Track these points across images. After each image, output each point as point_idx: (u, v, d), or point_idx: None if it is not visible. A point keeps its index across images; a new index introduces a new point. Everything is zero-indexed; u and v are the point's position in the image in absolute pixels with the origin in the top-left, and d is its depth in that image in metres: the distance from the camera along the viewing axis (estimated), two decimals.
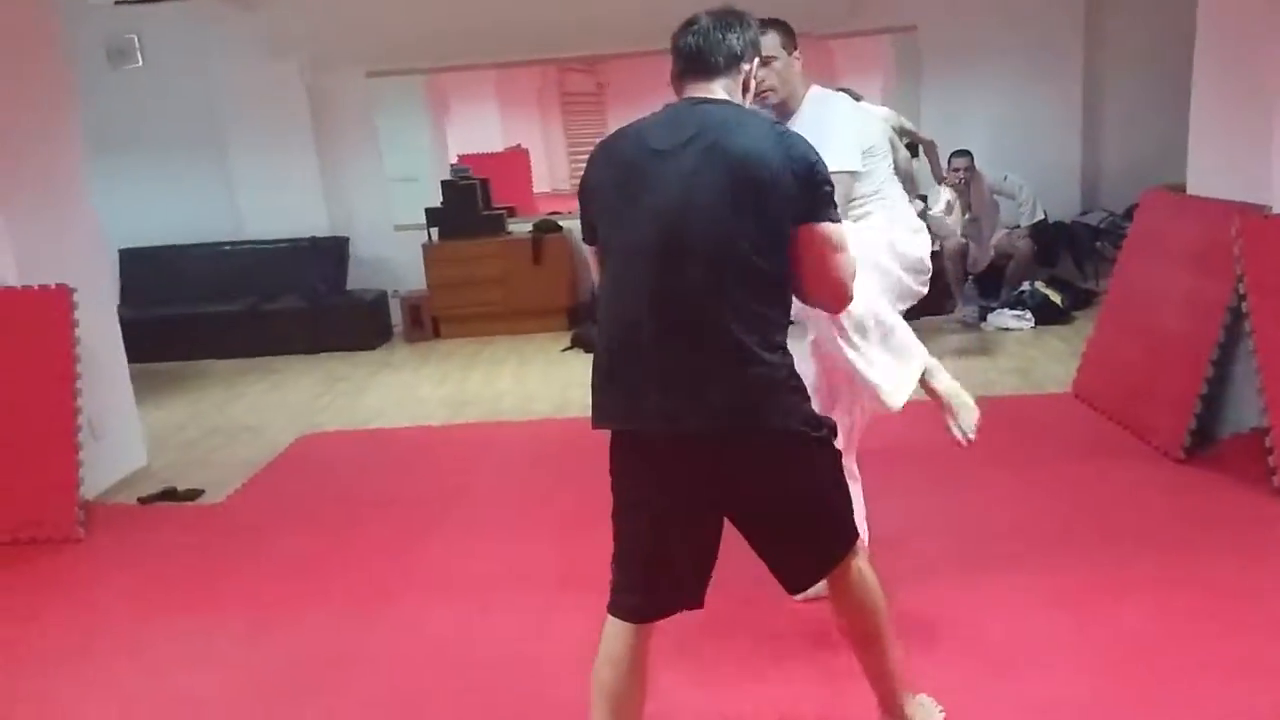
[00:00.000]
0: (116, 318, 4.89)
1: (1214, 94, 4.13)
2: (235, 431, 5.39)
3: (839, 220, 2.01)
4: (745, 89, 2.11)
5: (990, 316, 6.50)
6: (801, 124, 2.65)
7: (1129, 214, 5.83)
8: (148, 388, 6.37)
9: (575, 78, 11.25)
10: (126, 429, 4.81)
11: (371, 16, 7.25)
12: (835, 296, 2.05)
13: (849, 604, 2.16)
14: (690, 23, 2.09)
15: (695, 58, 2.06)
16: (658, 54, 2.36)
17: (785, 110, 2.79)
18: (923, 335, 2.78)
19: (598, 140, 2.17)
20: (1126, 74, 7.07)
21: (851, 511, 2.15)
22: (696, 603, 2.09)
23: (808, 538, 2.09)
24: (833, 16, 6.95)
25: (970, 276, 6.68)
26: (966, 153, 6.65)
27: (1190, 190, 4.32)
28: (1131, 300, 4.57)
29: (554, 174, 11.40)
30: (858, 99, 6.70)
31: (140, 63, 7.44)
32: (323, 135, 7.52)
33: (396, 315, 7.54)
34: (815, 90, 2.85)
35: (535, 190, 10.04)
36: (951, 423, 2.60)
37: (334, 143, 7.58)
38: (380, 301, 7.44)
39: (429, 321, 7.34)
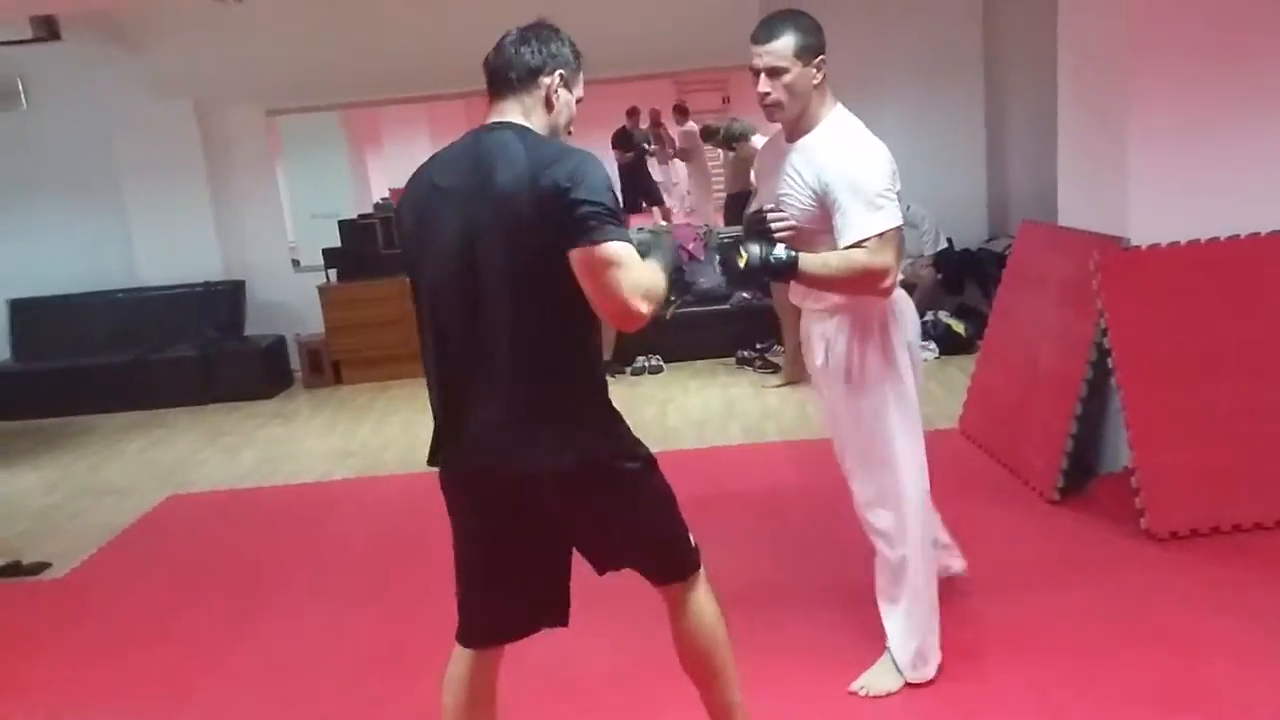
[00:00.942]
0: None
1: (1076, 124, 4.03)
2: (101, 494, 5.14)
3: (604, 238, 1.81)
4: (549, 105, 2.01)
5: None
6: (815, 150, 2.43)
7: None
8: (24, 447, 6.16)
9: None
10: None
11: (267, 54, 7.07)
12: (619, 317, 1.87)
13: (682, 634, 2.15)
14: (499, 40, 2.03)
15: (493, 76, 2.02)
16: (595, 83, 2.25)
17: (797, 130, 2.45)
18: None
19: None
20: (1031, 98, 7.00)
21: (680, 540, 2.13)
22: (555, 622, 2.13)
23: (634, 564, 2.11)
24: (731, 49, 6.84)
25: None
26: None
27: (1061, 221, 4.22)
28: (1009, 335, 4.46)
29: None
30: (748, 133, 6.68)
31: (24, 105, 7.21)
32: (218, 176, 7.31)
33: (297, 360, 7.31)
34: (839, 113, 2.46)
35: None
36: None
37: (230, 183, 7.36)
38: (278, 347, 7.20)
39: (329, 366, 7.12)
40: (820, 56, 2.40)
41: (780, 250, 2.40)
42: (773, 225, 2.51)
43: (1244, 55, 3.53)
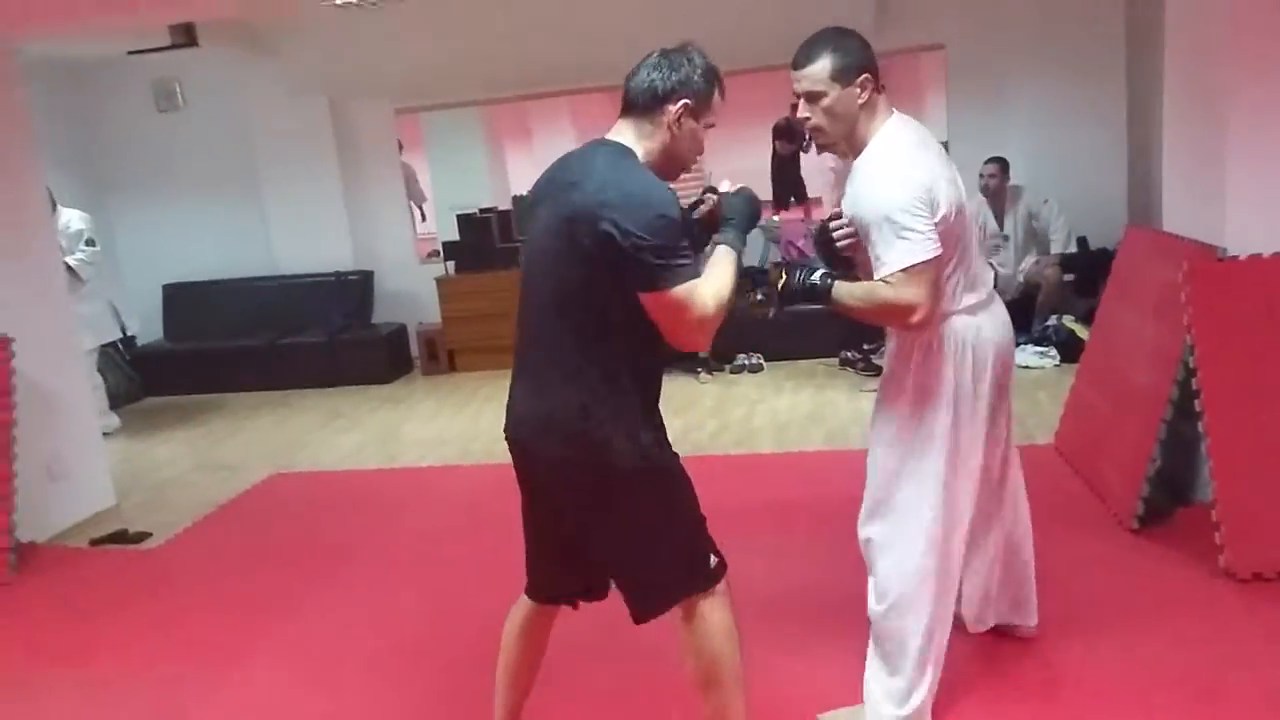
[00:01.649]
0: (85, 361, 5.05)
1: (1180, 123, 3.70)
2: (215, 469, 5.49)
3: (666, 285, 1.94)
4: (670, 133, 2.07)
5: None
6: (856, 175, 2.33)
7: None
8: (164, 422, 6.64)
9: None
10: (91, 470, 4.94)
11: (395, 54, 7.33)
12: (685, 346, 2.07)
13: (687, 646, 2.16)
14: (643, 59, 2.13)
15: (625, 95, 2.11)
16: (734, 75, 2.28)
17: (853, 149, 2.36)
18: None
19: None
20: None
21: (694, 551, 2.14)
22: (592, 595, 2.29)
23: (634, 570, 2.14)
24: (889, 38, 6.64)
25: None
26: (999, 159, 6.25)
27: (1166, 226, 3.88)
28: (1108, 347, 4.14)
29: None
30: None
31: (182, 106, 7.77)
32: (349, 171, 7.66)
33: (417, 348, 7.59)
34: (886, 131, 2.29)
35: None
36: None
37: (361, 178, 7.71)
38: (400, 335, 7.51)
39: (444, 355, 7.35)
40: (864, 75, 2.26)
41: (817, 276, 2.31)
42: (835, 236, 2.43)
43: None
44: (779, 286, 2.35)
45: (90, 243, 6.00)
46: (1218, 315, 3.23)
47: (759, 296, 2.37)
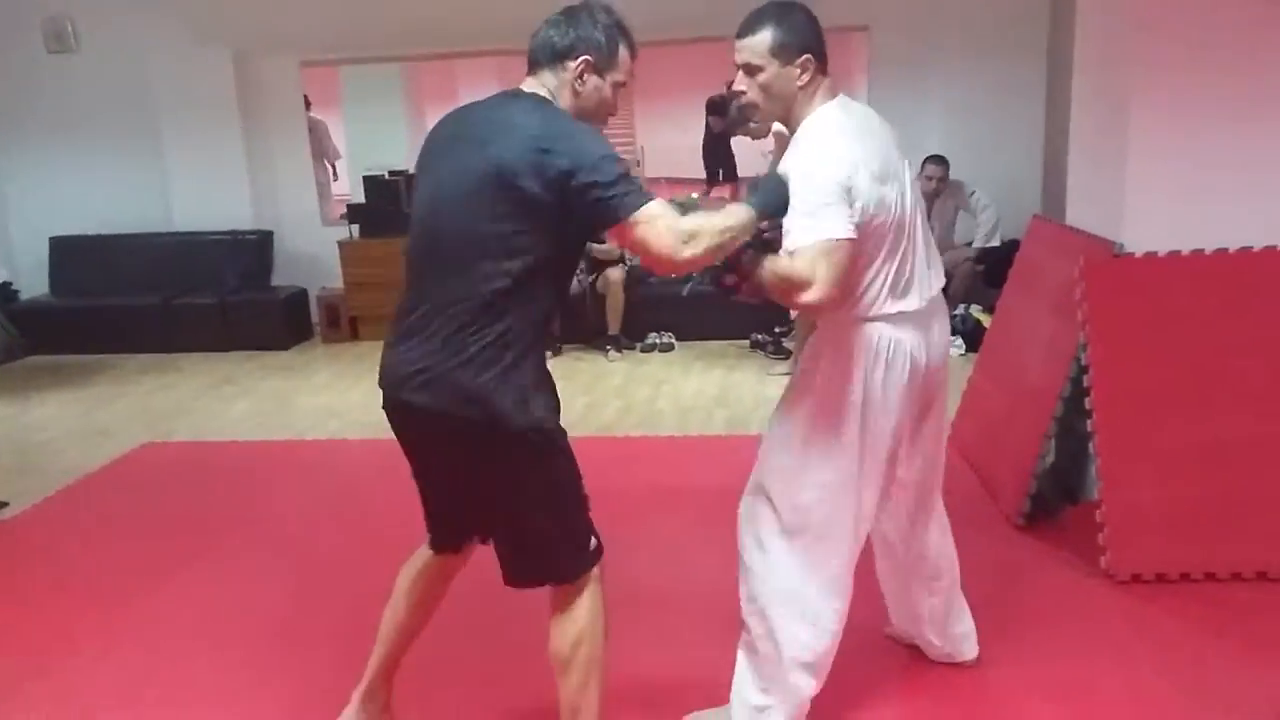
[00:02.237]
0: None
1: (1085, 111, 3.65)
2: (89, 435, 5.20)
3: (629, 211, 1.89)
4: (575, 91, 2.05)
5: None
6: (787, 156, 2.15)
7: None
8: (43, 383, 6.29)
9: None
10: None
11: (302, 5, 7.02)
12: (668, 267, 1.97)
13: (554, 625, 2.14)
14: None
15: (530, 51, 2.08)
16: (666, 45, 2.14)
17: (763, 134, 2.22)
18: None
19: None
20: None
21: (576, 530, 2.10)
22: (479, 539, 2.23)
23: (513, 536, 2.11)
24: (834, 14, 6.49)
25: None
26: (942, 159, 6.20)
27: (1069, 219, 3.83)
28: (1006, 340, 4.09)
29: None
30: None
31: (75, 48, 7.33)
32: (253, 126, 7.31)
33: (318, 314, 7.31)
34: (820, 113, 2.15)
35: None
36: None
37: (264, 134, 7.37)
38: (299, 299, 7.22)
39: (346, 322, 7.09)
40: (806, 55, 2.10)
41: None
42: (762, 227, 2.23)
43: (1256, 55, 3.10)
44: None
45: None
46: (1112, 312, 3.18)
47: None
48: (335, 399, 5.69)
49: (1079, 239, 3.54)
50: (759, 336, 6.22)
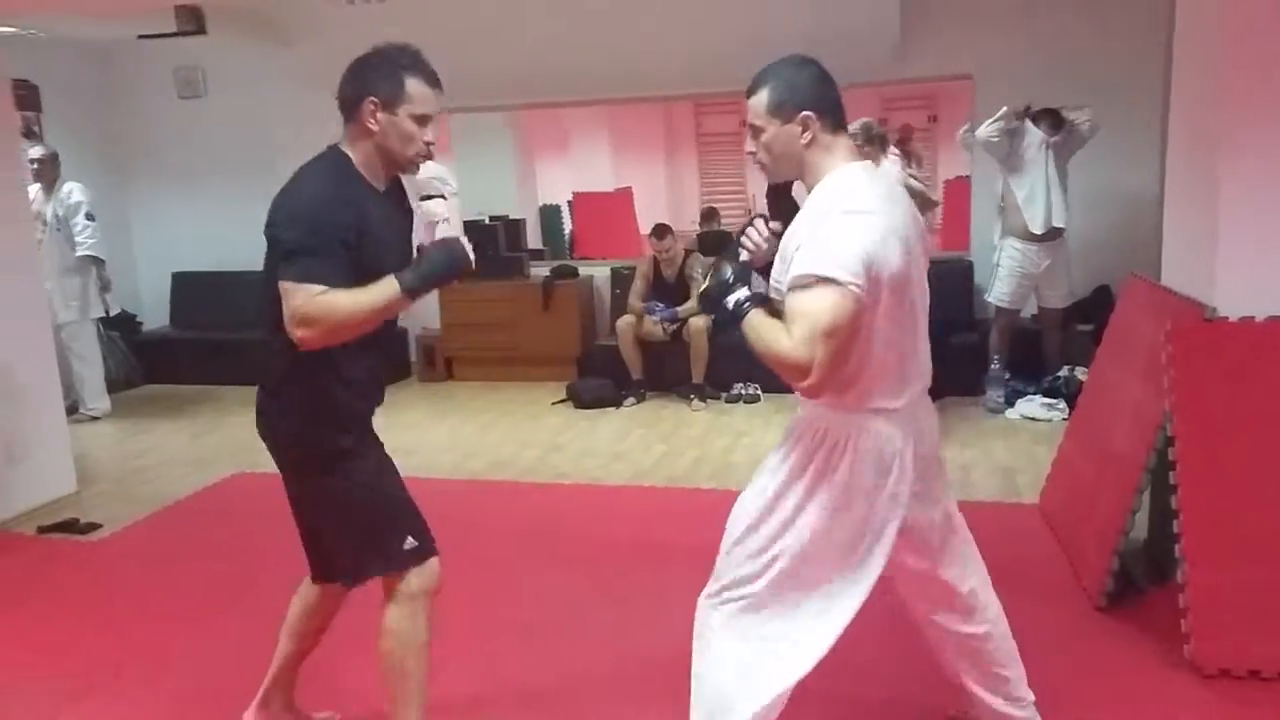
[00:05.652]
0: (54, 345, 5.00)
1: (1183, 172, 3.43)
2: (185, 464, 5.41)
3: (287, 274, 2.06)
4: (371, 132, 2.19)
5: (1019, 403, 5.76)
6: (801, 218, 2.04)
7: None
8: (154, 411, 6.59)
9: (714, 119, 11.10)
10: (53, 454, 4.87)
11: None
12: (297, 340, 2.10)
13: (381, 625, 2.32)
14: None
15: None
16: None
17: (789, 189, 2.16)
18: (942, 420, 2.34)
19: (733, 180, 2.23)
20: None
21: (374, 534, 2.30)
22: (332, 578, 2.48)
23: (313, 540, 2.46)
24: (880, 64, 6.39)
25: (997, 358, 5.88)
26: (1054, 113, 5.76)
27: (1164, 280, 3.60)
28: (1097, 405, 3.85)
29: (685, 214, 11.00)
30: (878, 136, 5.99)
31: (204, 94, 7.77)
32: None
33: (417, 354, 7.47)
34: (838, 177, 2.03)
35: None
36: None
37: None
38: (399, 339, 7.38)
39: (441, 362, 7.23)
40: (805, 113, 2.01)
41: (743, 293, 2.04)
42: (748, 234, 2.17)
43: None
44: (704, 283, 2.16)
45: (90, 217, 6.11)
46: (1200, 379, 2.96)
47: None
48: (417, 438, 5.78)
49: (1170, 299, 3.32)
50: None
